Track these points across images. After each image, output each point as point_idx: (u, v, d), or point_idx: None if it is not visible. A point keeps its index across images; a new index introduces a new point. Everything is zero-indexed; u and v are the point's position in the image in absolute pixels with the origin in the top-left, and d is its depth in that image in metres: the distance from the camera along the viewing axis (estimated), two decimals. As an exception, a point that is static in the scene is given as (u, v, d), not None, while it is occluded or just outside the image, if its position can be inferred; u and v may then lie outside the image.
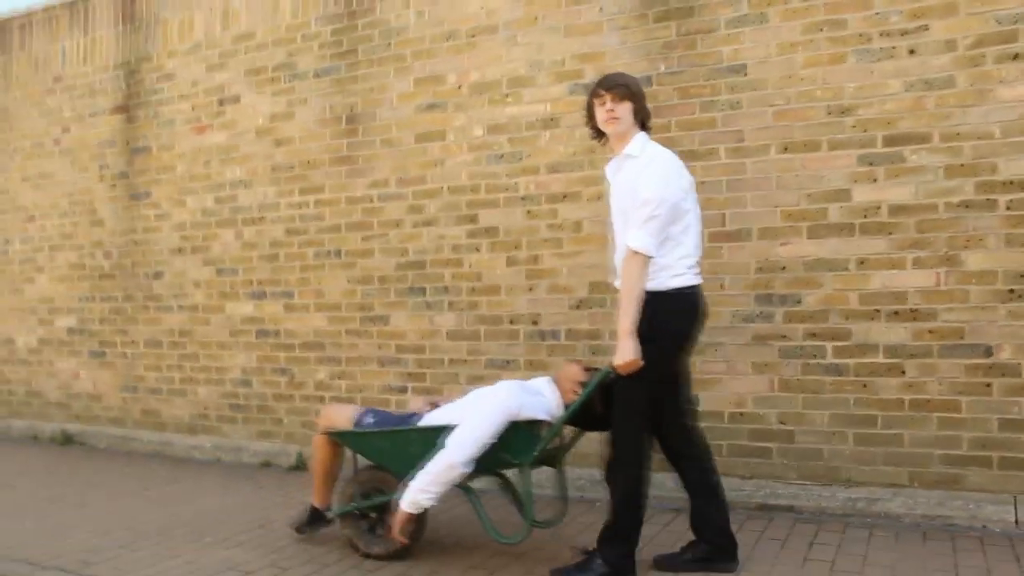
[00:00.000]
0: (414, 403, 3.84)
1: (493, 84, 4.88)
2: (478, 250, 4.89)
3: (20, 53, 7.17)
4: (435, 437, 3.24)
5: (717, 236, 4.26)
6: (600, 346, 4.53)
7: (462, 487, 3.29)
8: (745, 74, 4.25)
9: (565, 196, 4.68)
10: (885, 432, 3.90)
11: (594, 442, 3.60)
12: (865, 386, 3.95)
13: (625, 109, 3.17)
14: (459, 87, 4.99)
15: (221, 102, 5.90)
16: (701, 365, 4.23)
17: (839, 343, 4.01)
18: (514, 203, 4.80)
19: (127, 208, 6.35)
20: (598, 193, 4.57)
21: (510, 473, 3.61)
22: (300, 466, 5.31)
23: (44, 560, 3.60)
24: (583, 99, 4.47)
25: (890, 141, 3.95)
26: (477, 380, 4.83)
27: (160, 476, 5.27)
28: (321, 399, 5.36)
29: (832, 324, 4.03)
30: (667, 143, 4.33)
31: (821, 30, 4.08)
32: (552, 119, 4.72)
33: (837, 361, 4.01)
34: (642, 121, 3.24)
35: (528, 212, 4.76)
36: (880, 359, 3.93)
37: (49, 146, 6.88)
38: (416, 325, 5.06)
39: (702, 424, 4.17)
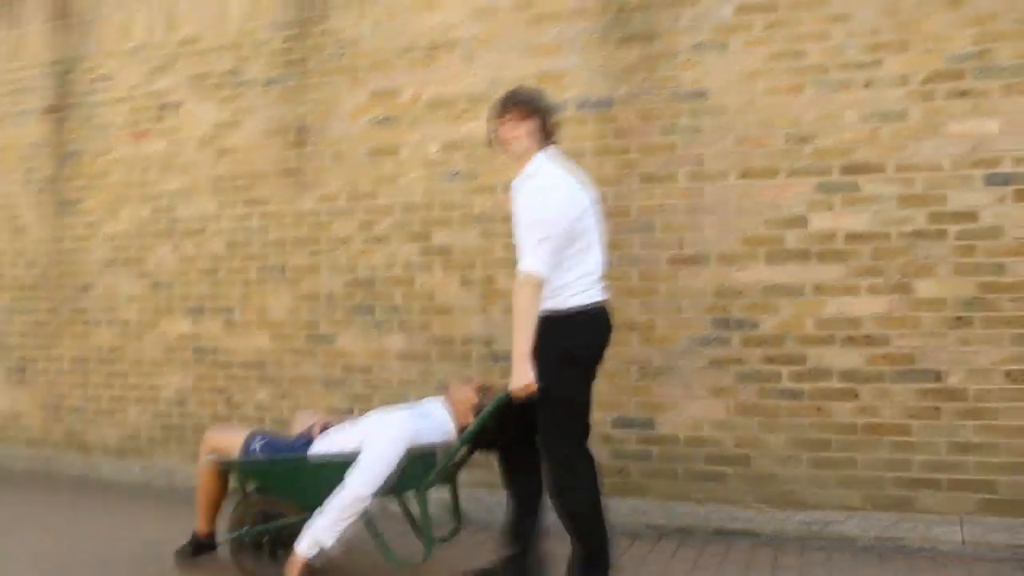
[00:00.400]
0: (300, 421, 3.81)
1: (451, 100, 4.91)
2: (431, 269, 4.88)
3: (-59, 49, 6.91)
4: (330, 467, 3.26)
5: (675, 260, 4.36)
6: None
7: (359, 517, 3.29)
8: (706, 99, 4.37)
9: (522, 216, 4.70)
10: (839, 455, 4.02)
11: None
12: (820, 410, 4.07)
13: (527, 128, 3.18)
14: (415, 102, 4.99)
15: (162, 107, 5.78)
16: (658, 388, 4.31)
17: (795, 367, 4.12)
18: (469, 222, 4.82)
19: (55, 216, 6.15)
20: (556, 213, 4.61)
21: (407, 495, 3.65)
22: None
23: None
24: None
25: (847, 170, 4.10)
26: (428, 402, 4.81)
27: (89, 503, 5.08)
28: (261, 421, 5.25)
29: (788, 349, 4.14)
30: (626, 166, 4.44)
31: (781, 60, 4.23)
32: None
33: (793, 385, 4.13)
34: (545, 137, 3.22)
35: (483, 231, 4.78)
36: (834, 383, 4.05)
37: (-30, 148, 6.63)
38: (364, 345, 5.02)
39: (658, 448, 4.25)
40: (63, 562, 3.85)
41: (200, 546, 3.76)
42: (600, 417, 4.41)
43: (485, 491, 4.52)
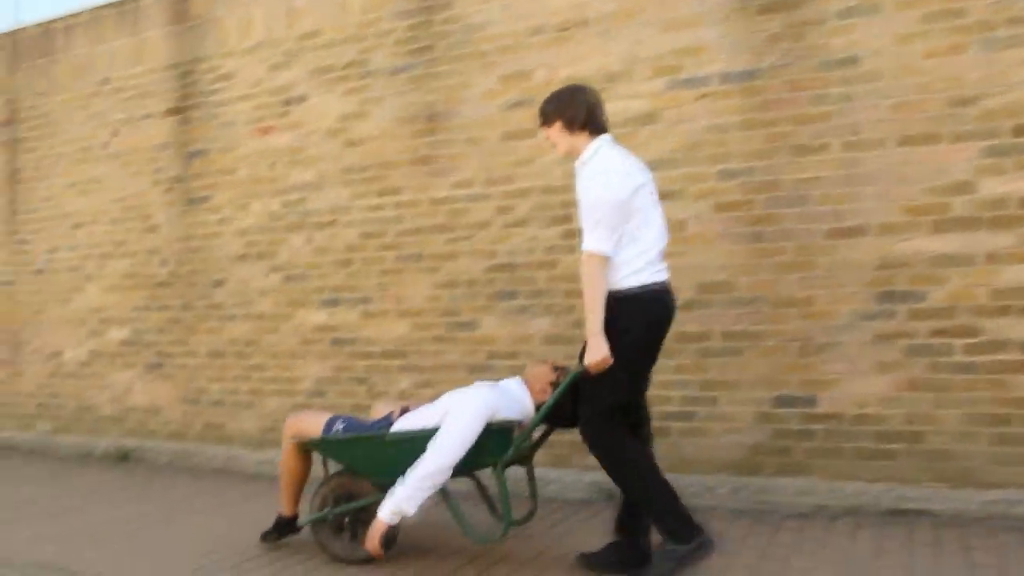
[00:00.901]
0: (381, 408, 4.03)
1: (585, 80, 4.96)
2: (574, 251, 4.96)
3: (64, 56, 7.25)
4: (412, 442, 3.46)
5: (833, 233, 4.35)
6: (710, 348, 4.61)
7: (439, 491, 3.49)
8: (858, 66, 4.34)
9: (667, 194, 4.75)
10: (1022, 431, 3.98)
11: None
12: (998, 384, 4.03)
13: (556, 132, 3.45)
14: (548, 83, 5.07)
15: (286, 102, 5.98)
16: (820, 365, 4.32)
17: (968, 340, 4.09)
18: (611, 202, 4.87)
19: (184, 213, 6.42)
20: (702, 191, 4.66)
21: (482, 475, 3.81)
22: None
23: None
24: (683, 94, 4.61)
25: (1018, 131, 4.03)
26: (576, 386, 4.91)
27: (236, 493, 5.31)
28: (404, 409, 5.41)
29: (960, 321, 4.11)
30: (775, 139, 4.45)
31: (938, 20, 4.17)
32: (650, 115, 4.81)
33: (967, 359, 4.10)
34: (587, 125, 3.41)
35: (627, 211, 4.83)
36: (1014, 356, 4.01)
37: (97, 150, 6.95)
38: (508, 330, 5.14)
39: (822, 426, 4.27)
40: (235, 546, 4.06)
41: (284, 527, 4.01)
42: (760, 396, 4.45)
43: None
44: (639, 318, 3.28)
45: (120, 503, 5.15)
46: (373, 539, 3.48)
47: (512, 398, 3.58)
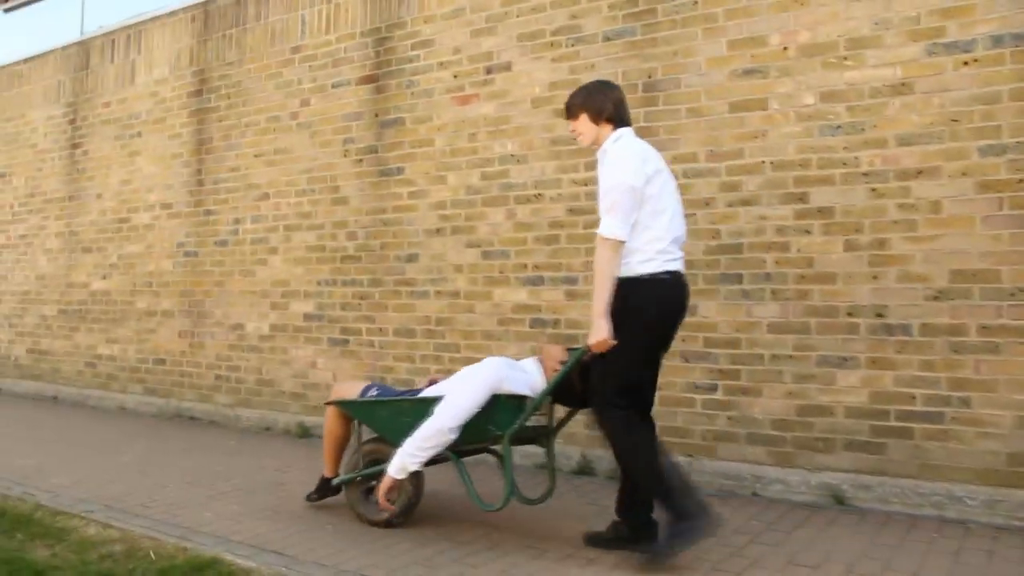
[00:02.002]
0: (430, 376, 4.55)
1: (827, 45, 4.88)
2: (808, 232, 4.88)
3: (255, 24, 7.66)
4: (426, 407, 3.92)
5: None
6: (965, 343, 4.45)
7: (451, 457, 3.96)
8: None
9: (920, 172, 4.62)
10: None
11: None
12: None
13: (582, 124, 3.88)
14: (784, 49, 4.99)
15: (489, 70, 6.12)
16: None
17: None
18: (854, 180, 4.77)
19: (375, 185, 6.67)
20: (962, 168, 4.50)
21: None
22: (584, 470, 5.44)
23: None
24: (944, 60, 4.46)
25: None
26: (805, 379, 4.84)
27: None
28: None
29: None
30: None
31: None
32: (904, 84, 4.68)
33: None
34: (612, 118, 3.84)
35: (872, 190, 4.73)
36: None
37: (286, 120, 7.31)
38: (729, 316, 5.10)
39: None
40: (460, 531, 4.23)
41: (326, 488, 4.59)
42: (1022, 399, 4.27)
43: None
44: (651, 302, 3.61)
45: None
46: (381, 492, 3.98)
47: (525, 374, 3.99)
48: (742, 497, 4.87)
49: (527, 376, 3.99)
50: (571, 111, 3.93)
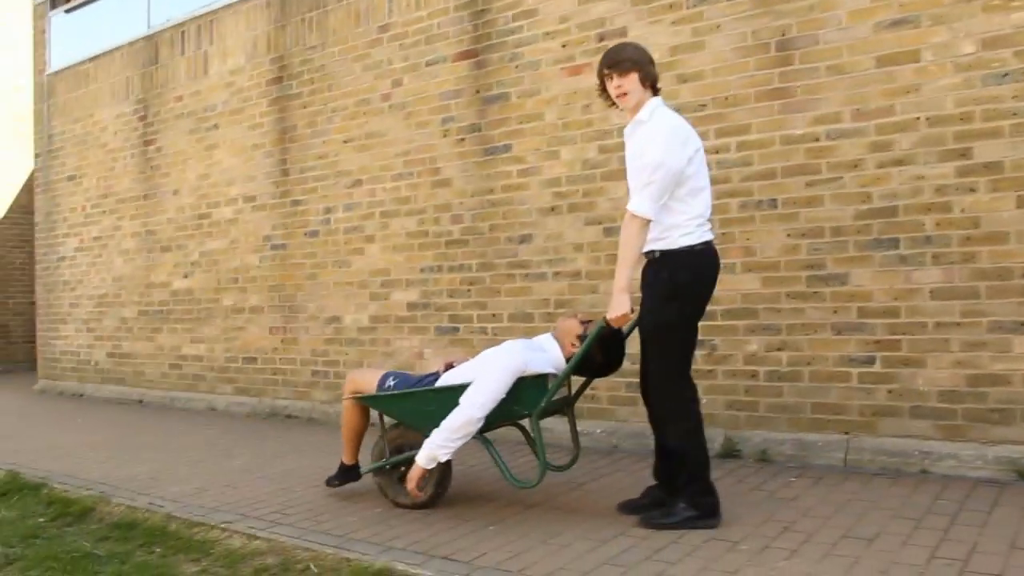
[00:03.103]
0: (433, 363, 4.62)
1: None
2: (973, 191, 4.68)
3: (337, 6, 7.57)
4: (450, 396, 4.02)
5: None
6: None
7: (479, 439, 4.09)
8: None
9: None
10: None
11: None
12: None
13: (631, 82, 3.80)
14: (935, -5, 4.78)
15: (601, 37, 5.96)
16: None
17: None
18: (1024, 131, 4.55)
19: (480, 165, 6.55)
20: None
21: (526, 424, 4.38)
22: (729, 453, 5.28)
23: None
24: None
25: None
26: (975, 346, 4.65)
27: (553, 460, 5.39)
28: (754, 375, 5.30)
29: None
30: None
31: None
32: (1077, 26, 4.44)
33: None
34: (655, 84, 3.88)
35: (1047, 140, 4.50)
36: None
37: (376, 103, 7.21)
38: (885, 283, 4.92)
39: None
40: (595, 522, 4.10)
41: (347, 474, 4.74)
42: None
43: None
44: (697, 273, 3.76)
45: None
46: (411, 481, 4.13)
47: (544, 353, 4.12)
48: (911, 475, 4.68)
49: (546, 355, 4.12)
50: (622, 66, 3.81)
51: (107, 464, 5.96)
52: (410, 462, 4.23)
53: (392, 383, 4.45)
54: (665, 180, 3.63)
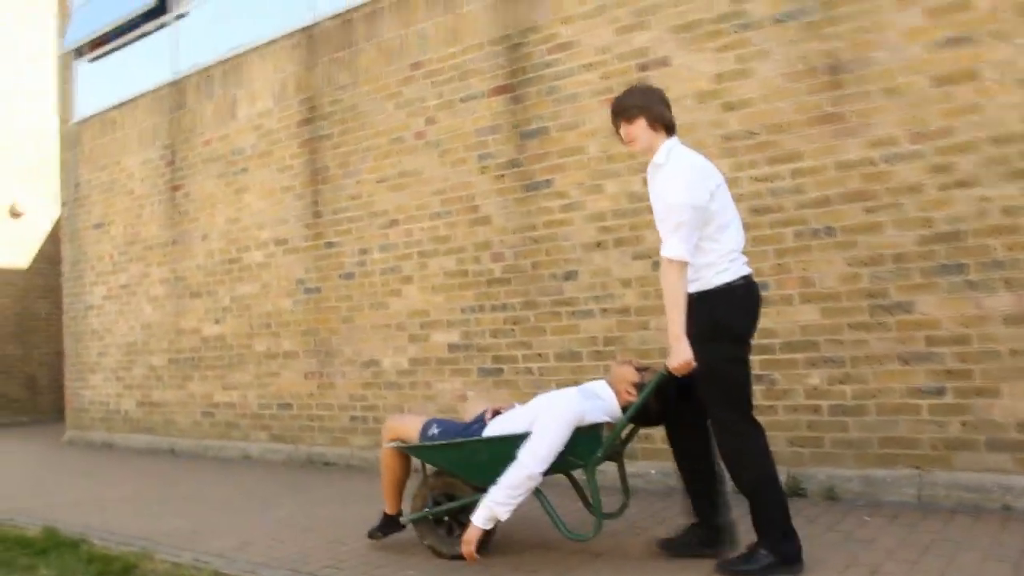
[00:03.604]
0: (476, 406, 4.56)
1: (1048, 7, 4.56)
2: (1043, 211, 4.55)
3: (367, 45, 7.55)
4: (503, 446, 3.92)
5: None
6: None
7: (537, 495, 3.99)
8: None
9: None
10: None
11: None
12: None
13: (639, 128, 3.85)
14: (993, 11, 4.69)
15: (643, 67, 5.90)
16: None
17: None
18: (1094, 149, 4.43)
19: (521, 201, 6.47)
20: None
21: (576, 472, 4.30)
22: (793, 491, 5.13)
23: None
24: None
25: None
26: (1057, 374, 4.49)
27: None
28: (816, 409, 5.16)
29: None
30: None
31: None
32: None
33: None
34: (668, 125, 3.88)
35: (1120, 158, 4.38)
36: None
37: (410, 140, 7.17)
38: (954, 311, 4.79)
39: None
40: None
41: (389, 525, 4.61)
42: None
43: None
44: (737, 310, 3.72)
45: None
46: (469, 544, 3.94)
47: (599, 401, 4.02)
48: (993, 511, 4.53)
49: (602, 403, 4.03)
50: (628, 113, 3.88)
51: (144, 517, 5.86)
52: (456, 512, 4.19)
53: (436, 431, 4.33)
54: (693, 220, 3.63)
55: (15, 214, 14.20)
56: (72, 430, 11.12)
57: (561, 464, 3.95)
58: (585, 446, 3.92)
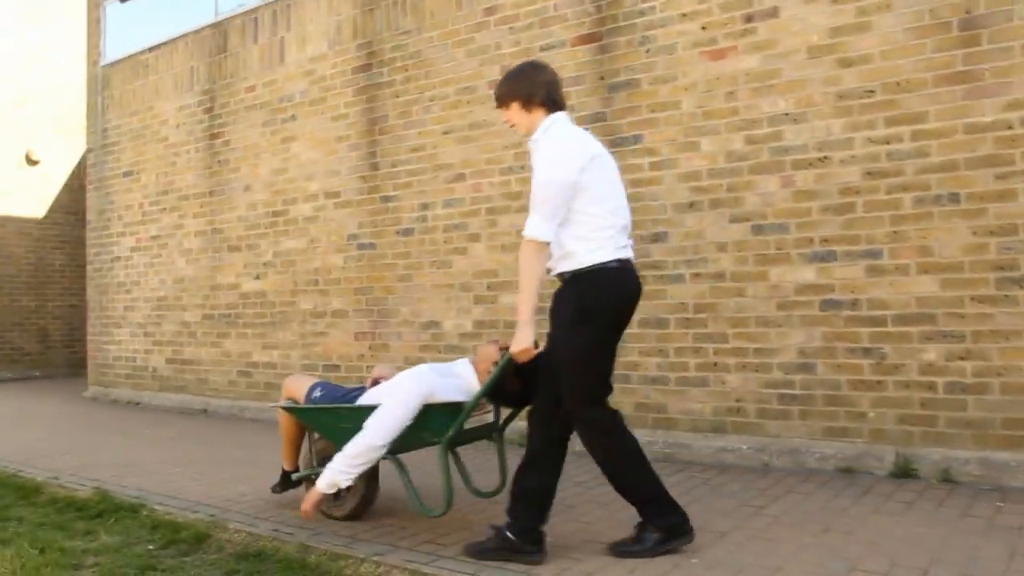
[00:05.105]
0: (378, 372, 4.63)
1: None
2: None
3: (437, -15, 7.30)
4: (362, 415, 4.01)
5: None
6: None
7: (392, 460, 4.13)
8: None
9: None
10: None
11: None
12: None
13: (514, 113, 3.81)
14: None
15: (748, 18, 5.69)
16: None
17: None
18: None
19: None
20: None
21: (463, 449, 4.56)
22: (903, 472, 4.98)
23: None
24: None
25: None
26: None
27: (692, 483, 5.12)
28: (931, 386, 5.00)
29: None
30: None
31: None
32: None
33: None
34: (544, 102, 3.75)
35: None
36: None
37: (482, 91, 6.95)
38: (1094, 286, 4.60)
39: None
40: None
41: (286, 481, 4.84)
42: None
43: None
44: (604, 294, 3.59)
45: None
46: (308, 503, 4.11)
47: (454, 379, 4.10)
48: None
49: (460, 381, 4.11)
50: (500, 100, 3.85)
51: (202, 482, 5.62)
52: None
53: (318, 395, 4.51)
54: (556, 197, 3.55)
55: (32, 161, 13.94)
56: (95, 386, 10.95)
57: (415, 439, 4.08)
58: (437, 423, 4.01)
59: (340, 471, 3.98)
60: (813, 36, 5.46)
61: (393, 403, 3.95)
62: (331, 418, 4.32)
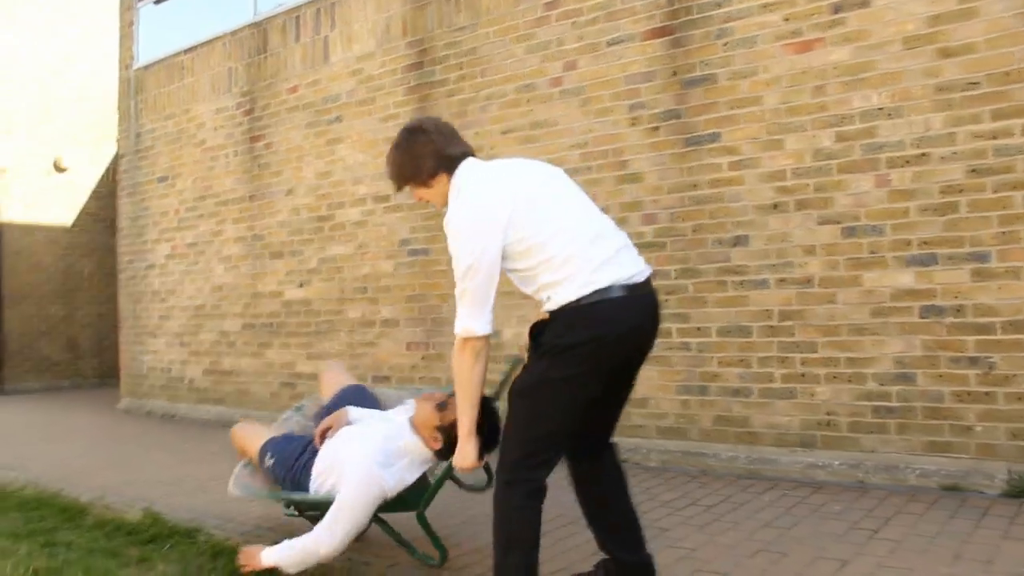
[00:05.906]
0: (329, 376, 4.81)
1: None
2: None
3: (493, -20, 7.09)
4: (320, 506, 3.88)
5: None
6: None
7: (377, 522, 3.93)
8: None
9: None
10: None
11: None
12: None
13: (421, 193, 3.36)
14: None
15: (836, 9, 5.45)
16: None
17: None
18: None
19: (680, 157, 6.03)
20: None
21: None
22: (1018, 491, 4.70)
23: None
24: None
25: None
26: None
27: (780, 505, 4.86)
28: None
29: None
30: None
31: None
32: None
33: None
34: (439, 168, 3.25)
35: None
36: None
37: (544, 88, 6.73)
38: None
39: None
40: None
41: None
42: None
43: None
44: (579, 332, 2.96)
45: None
46: (248, 564, 3.79)
47: (408, 456, 3.84)
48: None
49: (406, 460, 3.84)
50: (397, 184, 3.42)
51: (258, 502, 5.32)
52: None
53: (271, 462, 4.34)
54: (479, 280, 3.04)
55: (60, 168, 13.84)
56: (128, 397, 10.77)
57: (393, 509, 3.91)
58: (406, 502, 3.89)
59: (293, 564, 3.71)
60: (909, 25, 5.21)
61: (344, 514, 3.66)
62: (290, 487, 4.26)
